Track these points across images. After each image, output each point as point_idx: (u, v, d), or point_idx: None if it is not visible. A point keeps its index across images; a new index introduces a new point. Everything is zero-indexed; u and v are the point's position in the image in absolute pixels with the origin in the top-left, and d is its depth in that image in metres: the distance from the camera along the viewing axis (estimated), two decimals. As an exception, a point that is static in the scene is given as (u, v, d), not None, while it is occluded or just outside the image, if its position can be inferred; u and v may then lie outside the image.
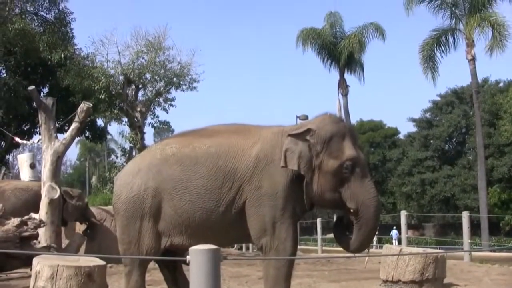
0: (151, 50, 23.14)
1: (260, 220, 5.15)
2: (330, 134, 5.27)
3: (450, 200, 41.34)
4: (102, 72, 22.31)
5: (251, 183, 5.19)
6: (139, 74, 23.10)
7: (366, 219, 5.19)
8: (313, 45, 35.79)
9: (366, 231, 5.24)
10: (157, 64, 23.27)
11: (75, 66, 22.39)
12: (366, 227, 5.22)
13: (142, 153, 5.88)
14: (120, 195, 5.50)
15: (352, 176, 5.21)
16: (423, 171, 42.93)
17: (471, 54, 28.05)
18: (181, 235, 5.31)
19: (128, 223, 5.43)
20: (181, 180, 5.27)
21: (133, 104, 23.41)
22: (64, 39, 23.57)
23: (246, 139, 5.42)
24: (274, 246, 5.16)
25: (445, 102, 45.29)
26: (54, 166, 9.63)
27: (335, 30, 36.26)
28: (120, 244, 5.54)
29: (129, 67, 22.90)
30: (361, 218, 5.19)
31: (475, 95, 29.18)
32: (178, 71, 23.69)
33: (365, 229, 5.22)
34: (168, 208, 5.29)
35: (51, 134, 9.82)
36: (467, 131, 42.75)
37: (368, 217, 5.19)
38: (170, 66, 23.71)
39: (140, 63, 23.25)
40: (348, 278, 8.23)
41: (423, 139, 44.91)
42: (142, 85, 23.91)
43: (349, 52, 34.74)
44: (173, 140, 5.76)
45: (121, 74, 23.14)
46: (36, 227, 8.31)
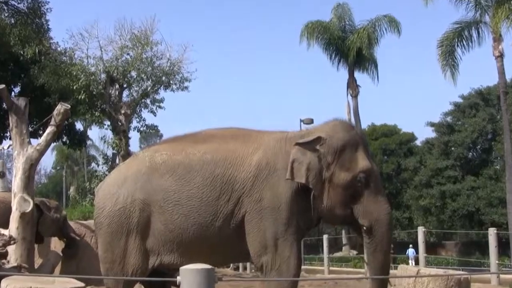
0: (137, 45, 23.18)
1: (261, 236, 5.17)
2: (342, 144, 5.33)
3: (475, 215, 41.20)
4: (81, 69, 22.33)
5: (252, 194, 5.21)
6: (124, 72, 23.13)
7: (380, 238, 5.28)
8: (319, 40, 35.88)
9: (382, 252, 5.31)
10: (144, 61, 23.29)
11: (51, 63, 22.38)
12: (382, 247, 5.29)
13: (128, 161, 5.90)
14: (103, 208, 5.51)
15: (365, 190, 5.28)
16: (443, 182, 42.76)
17: (498, 50, 28.00)
18: (172, 253, 5.33)
19: (111, 240, 5.44)
20: (173, 191, 5.29)
21: (117, 106, 23.40)
22: (39, 32, 23.55)
23: (246, 145, 5.44)
24: (276, 266, 5.18)
25: (468, 104, 45.18)
26: (26, 175, 9.59)
27: (343, 23, 36.39)
28: (102, 263, 5.54)
29: (112, 64, 22.93)
30: (374, 237, 5.28)
31: (503, 96, 29.08)
32: (167, 68, 23.72)
33: (380, 249, 5.28)
34: (158, 222, 5.30)
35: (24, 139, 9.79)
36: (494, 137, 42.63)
37: (382, 237, 5.28)
38: (158, 63, 23.78)
39: (125, 59, 23.29)
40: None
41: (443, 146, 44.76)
42: (127, 84, 23.92)
43: (359, 47, 34.77)
44: (163, 146, 5.79)
45: (103, 71, 23.16)
46: (5, 245, 8.27)
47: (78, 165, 71.41)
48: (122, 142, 23.26)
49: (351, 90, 37.50)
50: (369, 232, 5.29)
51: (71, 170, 71.91)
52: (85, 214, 21.45)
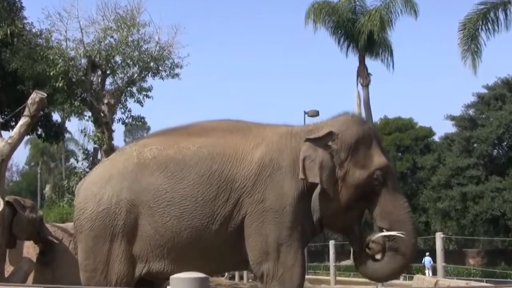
0: (122, 26, 23.08)
1: (262, 241, 5.19)
2: (356, 139, 5.39)
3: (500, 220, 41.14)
4: (59, 53, 22.23)
5: (253, 194, 5.23)
6: (107, 57, 23.04)
7: (404, 240, 5.29)
8: (326, 23, 35.88)
9: (405, 256, 5.37)
10: (130, 45, 23.22)
11: (24, 46, 22.28)
12: (405, 250, 5.35)
13: (113, 157, 5.90)
14: (85, 209, 5.51)
15: (382, 188, 5.33)
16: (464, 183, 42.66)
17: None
18: (162, 259, 5.34)
19: (94, 245, 5.44)
20: (165, 190, 5.30)
21: (99, 95, 23.34)
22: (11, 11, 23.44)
23: (247, 140, 5.46)
24: (278, 275, 5.20)
25: (493, 95, 45.01)
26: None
27: (353, 4, 36.39)
28: (83, 272, 5.55)
29: (94, 47, 22.84)
30: (396, 240, 5.31)
31: (533, 87, 29.10)
32: (156, 53, 23.66)
33: (403, 252, 5.34)
34: (147, 225, 5.31)
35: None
36: (522, 132, 42.55)
37: (406, 238, 5.32)
38: (146, 47, 23.71)
39: (108, 42, 23.21)
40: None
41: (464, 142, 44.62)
42: (110, 70, 23.86)
43: (370, 31, 34.75)
44: (152, 140, 5.79)
45: (84, 56, 23.07)
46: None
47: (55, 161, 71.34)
48: (105, 135, 23.19)
49: (361, 79, 37.49)
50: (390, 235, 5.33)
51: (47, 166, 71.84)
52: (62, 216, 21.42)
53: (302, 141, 5.39)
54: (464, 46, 29.32)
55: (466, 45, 29.31)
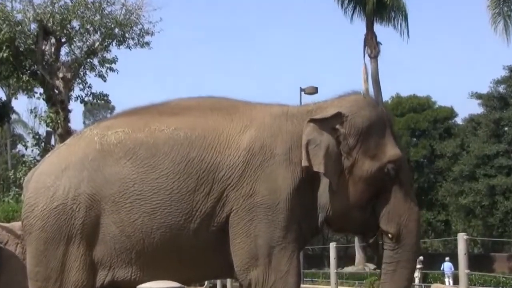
0: (80, -17, 23.06)
1: (251, 242, 5.20)
2: (368, 124, 5.42)
3: (535, 218, 41.42)
4: (3, 17, 22.18)
5: (240, 187, 5.23)
6: (62, 21, 23.01)
7: (407, 250, 5.42)
8: (328, -19, 35.89)
9: (408, 269, 5.48)
10: (90, 7, 23.22)
11: (-39, 8, 22.24)
12: (408, 262, 5.43)
13: (70, 142, 5.87)
14: (35, 205, 5.49)
15: (393, 185, 5.39)
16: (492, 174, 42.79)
17: None
18: (129, 265, 5.33)
19: (46, 249, 5.42)
20: (133, 181, 5.28)
21: (53, 67, 23.31)
22: None
23: (232, 121, 5.45)
24: (269, 283, 5.22)
25: (529, 69, 45.15)
26: None
27: (360, -43, 36.38)
28: (33, 281, 5.54)
29: (46, 10, 22.80)
30: (400, 248, 5.41)
31: None
32: (121, 17, 23.66)
33: (405, 265, 5.43)
34: (111, 224, 5.30)
35: None
36: None
37: (410, 249, 5.43)
38: (109, 9, 23.79)
39: (64, 4, 23.23)
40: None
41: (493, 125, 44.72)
42: (66, 38, 23.83)
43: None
44: (118, 121, 5.77)
45: (34, 21, 23.04)
46: None
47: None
48: (60, 116, 23.20)
49: (369, 49, 37.57)
50: (396, 240, 5.37)
51: (-11, 154, 71.74)
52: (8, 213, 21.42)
53: (300, 124, 5.37)
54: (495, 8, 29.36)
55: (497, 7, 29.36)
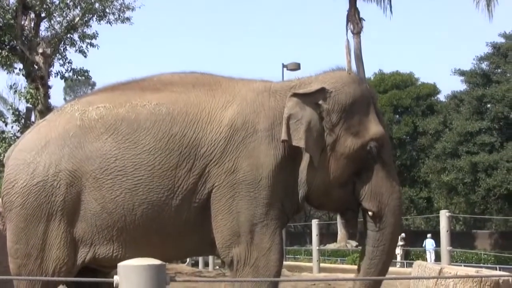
0: (59, -44, 22.90)
1: (233, 219, 5.20)
2: (352, 100, 5.44)
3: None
4: (-20, -10, 22.01)
5: (222, 163, 5.23)
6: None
7: (389, 230, 5.46)
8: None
9: (389, 249, 5.54)
10: (70, -20, 23.04)
11: None
12: (389, 243, 5.51)
13: (50, 118, 5.84)
14: (15, 182, 5.46)
15: (375, 163, 5.42)
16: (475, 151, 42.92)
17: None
18: (110, 243, 5.32)
19: (26, 226, 5.40)
20: (114, 157, 5.27)
21: (32, 43, 23.16)
22: None
23: (214, 97, 5.44)
24: (251, 260, 5.23)
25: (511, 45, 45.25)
26: None
27: None
28: (13, 258, 5.51)
29: (25, -17, 22.62)
30: (384, 229, 5.45)
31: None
32: (102, -8, 23.50)
33: (386, 245, 5.49)
34: (92, 201, 5.29)
35: None
36: (547, 90, 42.78)
37: (393, 228, 5.48)
38: (90, -17, 23.51)
39: (43, -23, 22.98)
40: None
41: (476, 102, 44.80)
42: (46, 13, 23.66)
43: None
44: (99, 97, 5.75)
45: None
46: None
47: (-21, 123, 70.88)
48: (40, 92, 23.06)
49: (352, 25, 37.58)
50: (377, 219, 5.41)
51: (-31, 130, 71.34)
52: (-12, 190, 21.40)
53: (283, 100, 5.37)
54: (477, -15, 29.50)
55: (479, -17, 29.50)
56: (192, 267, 19.78)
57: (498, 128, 43.26)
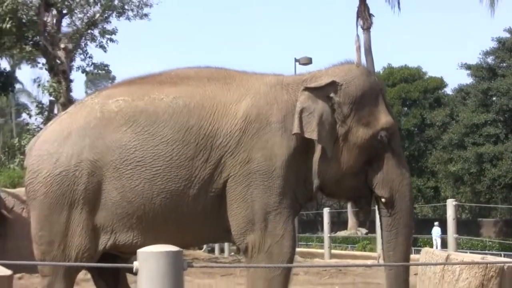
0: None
1: (248, 207, 5.20)
2: (362, 92, 5.41)
3: (521, 185, 41.49)
4: (6, -12, 22.02)
5: (237, 154, 5.22)
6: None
7: (403, 215, 5.45)
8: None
9: (405, 233, 5.47)
10: (90, -21, 23.05)
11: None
12: (404, 226, 5.44)
13: (72, 110, 5.83)
14: (39, 171, 5.46)
15: (386, 152, 5.41)
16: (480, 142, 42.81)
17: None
18: (130, 230, 5.32)
19: (49, 214, 5.41)
20: (134, 148, 5.26)
21: (55, 38, 23.21)
22: None
23: (229, 91, 5.43)
24: (265, 247, 5.21)
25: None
26: None
27: None
28: (37, 245, 5.51)
29: (47, -18, 22.65)
30: (396, 213, 5.44)
31: None
32: (121, -11, 23.51)
33: (403, 229, 5.45)
34: (113, 190, 5.28)
35: None
36: (550, 83, 42.58)
37: (405, 212, 5.45)
38: (109, -19, 23.53)
39: (65, -24, 23.00)
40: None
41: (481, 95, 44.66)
42: (67, 10, 23.70)
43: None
44: (118, 90, 5.73)
45: (36, -8, 22.89)
46: None
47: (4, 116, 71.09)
48: (62, 85, 23.14)
49: (362, 21, 37.51)
50: (389, 205, 5.40)
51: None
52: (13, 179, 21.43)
53: (296, 93, 5.36)
54: (482, -18, 29.36)
55: (483, -20, 29.38)
56: (208, 254, 19.84)
57: (503, 120, 43.13)
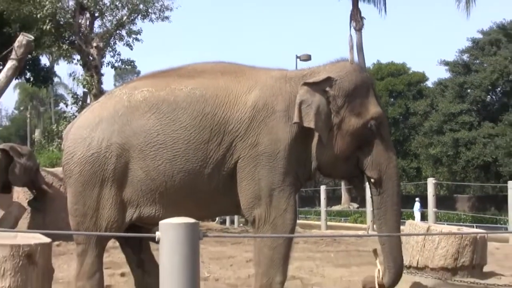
0: (110, -33, 22.82)
1: (255, 185, 5.19)
2: (354, 86, 5.37)
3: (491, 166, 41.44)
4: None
5: (246, 138, 5.21)
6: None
7: (390, 194, 5.41)
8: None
9: (394, 209, 5.43)
10: (118, -14, 22.98)
11: (10, -13, 22.00)
12: (393, 203, 5.40)
13: (103, 100, 5.81)
14: (74, 153, 5.45)
15: (375, 139, 5.38)
16: (457, 129, 42.83)
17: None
18: (153, 204, 5.31)
19: (83, 190, 5.40)
20: (156, 132, 5.25)
21: (88, 38, 23.18)
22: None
23: (240, 83, 5.42)
24: (270, 219, 5.20)
25: (488, 40, 44.88)
26: (-15, 115, 9.47)
27: None
28: (72, 217, 5.51)
29: (82, -11, 22.60)
30: (384, 192, 5.41)
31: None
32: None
33: (391, 206, 5.40)
34: (138, 169, 5.27)
35: (-20, 74, 9.65)
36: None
37: (392, 191, 5.41)
38: (135, -12, 23.46)
39: (97, -17, 22.93)
40: (360, 262, 8.29)
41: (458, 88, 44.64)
42: (99, 13, 23.65)
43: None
44: (143, 82, 5.71)
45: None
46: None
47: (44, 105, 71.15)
48: (94, 79, 23.14)
49: (355, 23, 37.38)
50: (378, 185, 5.39)
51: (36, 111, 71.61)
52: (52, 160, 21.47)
53: (297, 86, 5.35)
54: (459, -11, 29.22)
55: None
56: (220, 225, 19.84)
57: (476, 110, 43.34)
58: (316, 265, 8.27)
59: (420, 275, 7.31)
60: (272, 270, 5.19)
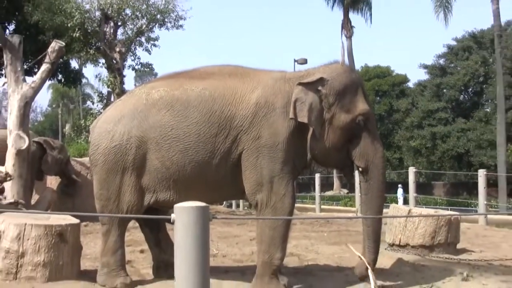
0: (131, -18, 22.76)
1: (257, 173, 5.17)
2: (344, 86, 5.32)
3: (464, 156, 41.60)
4: (76, 7, 21.94)
5: (250, 132, 5.19)
6: (118, 9, 22.78)
7: (375, 180, 5.35)
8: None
9: (378, 195, 5.38)
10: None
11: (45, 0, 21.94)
12: (377, 190, 5.36)
13: (124, 98, 5.79)
14: (99, 144, 5.44)
15: (363, 132, 5.33)
16: (434, 124, 42.99)
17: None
18: (168, 190, 5.30)
19: (107, 177, 5.39)
20: (171, 127, 5.24)
21: (112, 44, 23.15)
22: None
23: (244, 83, 5.39)
24: (271, 203, 5.19)
25: (461, 47, 45.07)
26: (21, 112, 9.44)
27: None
28: (98, 200, 5.51)
29: (106, 1, 22.55)
30: (370, 179, 5.36)
31: (497, 39, 28.89)
32: (162, 6, 23.39)
33: (376, 192, 5.36)
34: (155, 159, 5.26)
35: (18, 76, 9.60)
36: (486, 80, 42.64)
37: (377, 179, 5.36)
38: (153, 0, 23.43)
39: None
40: (350, 241, 8.27)
41: (435, 88, 44.81)
42: (121, 22, 23.61)
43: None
44: (160, 82, 5.69)
45: (98, 9, 22.82)
46: (2, 181, 8.24)
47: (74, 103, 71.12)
48: (117, 80, 23.13)
49: (346, 31, 37.34)
50: (365, 173, 5.36)
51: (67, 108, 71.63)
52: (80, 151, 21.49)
53: (295, 85, 5.32)
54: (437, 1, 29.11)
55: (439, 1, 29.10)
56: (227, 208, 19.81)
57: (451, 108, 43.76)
58: (311, 243, 8.26)
59: (402, 252, 7.32)
60: (273, 248, 5.18)
